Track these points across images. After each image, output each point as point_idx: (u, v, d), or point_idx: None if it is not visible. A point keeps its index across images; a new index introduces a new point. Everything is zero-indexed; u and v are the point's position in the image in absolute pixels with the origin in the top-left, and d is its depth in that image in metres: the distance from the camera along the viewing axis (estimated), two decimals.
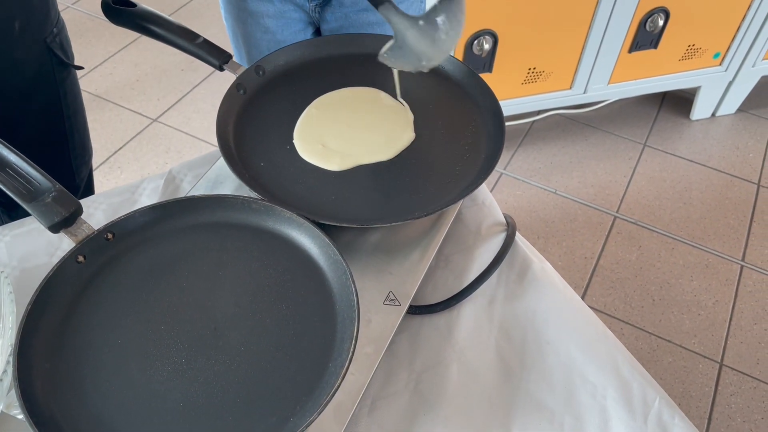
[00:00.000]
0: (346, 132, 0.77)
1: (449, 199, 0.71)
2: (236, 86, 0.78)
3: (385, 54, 0.71)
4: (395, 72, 0.78)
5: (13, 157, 0.63)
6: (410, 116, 0.79)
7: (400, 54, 0.71)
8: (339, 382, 0.53)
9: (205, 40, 0.80)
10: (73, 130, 0.98)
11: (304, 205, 0.68)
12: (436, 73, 0.84)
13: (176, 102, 2.10)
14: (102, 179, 1.85)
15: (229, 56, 0.80)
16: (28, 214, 0.79)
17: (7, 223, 0.98)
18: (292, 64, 0.84)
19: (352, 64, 0.84)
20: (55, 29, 0.88)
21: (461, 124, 0.79)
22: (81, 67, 0.95)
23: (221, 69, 0.80)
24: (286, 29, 1.01)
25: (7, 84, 0.85)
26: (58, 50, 0.89)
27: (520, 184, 1.92)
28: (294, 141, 0.76)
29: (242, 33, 1.03)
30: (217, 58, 0.79)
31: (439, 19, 0.69)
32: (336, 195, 0.71)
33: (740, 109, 2.16)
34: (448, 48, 0.71)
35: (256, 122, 0.77)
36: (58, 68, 0.90)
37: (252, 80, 0.81)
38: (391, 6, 0.70)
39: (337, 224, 0.66)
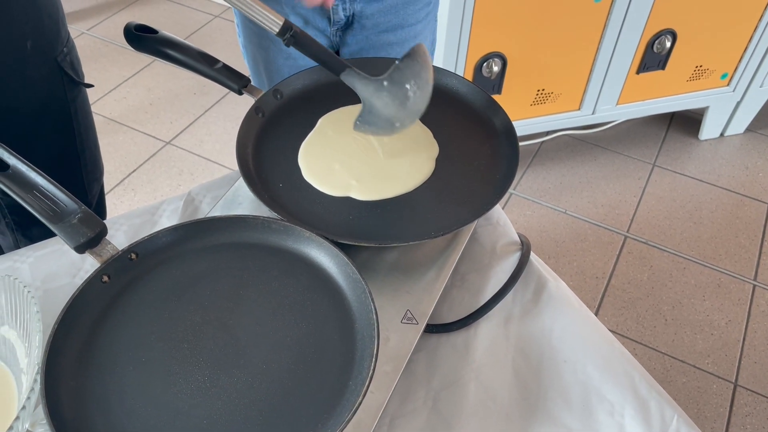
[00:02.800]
0: (363, 158, 0.78)
1: (464, 218, 0.71)
2: (255, 109, 0.80)
3: (358, 122, 0.72)
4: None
5: (39, 179, 0.64)
6: (432, 141, 0.79)
7: (372, 119, 0.71)
8: (360, 399, 0.53)
9: (225, 65, 0.82)
10: (84, 147, 0.99)
11: (322, 225, 0.69)
12: (450, 95, 0.85)
13: (189, 125, 2.13)
14: (116, 201, 1.88)
15: (248, 80, 0.82)
16: (42, 233, 0.81)
17: (22, 240, 0.99)
18: (309, 87, 0.85)
19: None
20: (65, 49, 0.90)
21: (475, 145, 0.80)
22: (91, 85, 0.97)
23: (240, 93, 0.82)
24: None
25: (20, 102, 0.87)
26: (69, 69, 0.91)
27: (530, 204, 1.93)
28: (299, 162, 0.76)
29: (263, 59, 1.05)
30: (236, 82, 0.81)
31: (404, 79, 0.69)
32: (353, 215, 0.72)
33: (749, 129, 2.16)
34: (418, 108, 0.71)
35: (274, 144, 0.79)
36: (69, 86, 0.92)
37: (270, 103, 0.82)
38: (353, 72, 0.71)
39: (355, 243, 0.67)
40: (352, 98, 0.84)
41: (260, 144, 0.79)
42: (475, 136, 0.81)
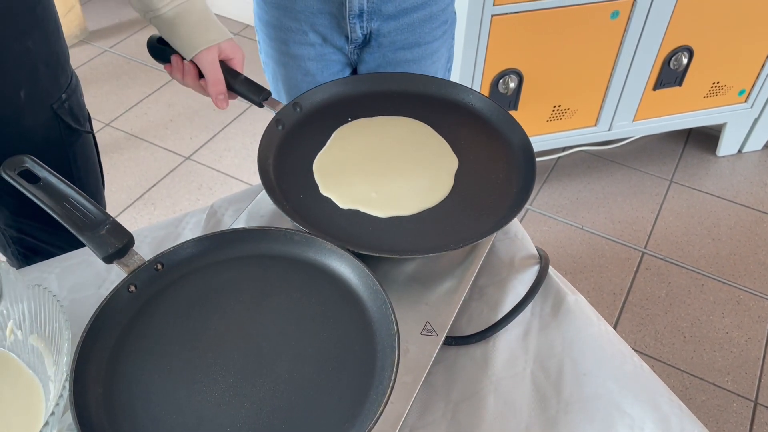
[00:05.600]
0: (381, 171, 0.79)
1: (483, 231, 0.72)
2: (275, 122, 0.82)
3: None
4: None
5: (69, 191, 0.66)
6: (451, 155, 0.80)
7: None
8: (381, 409, 0.54)
9: (246, 78, 0.84)
10: (84, 192, 0.99)
11: (343, 236, 0.70)
12: (468, 110, 0.86)
13: (208, 140, 2.16)
14: (136, 215, 1.90)
15: (269, 93, 0.84)
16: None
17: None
18: (328, 101, 0.87)
19: (386, 100, 0.87)
20: (64, 95, 0.88)
21: (493, 159, 0.81)
22: (90, 132, 0.94)
23: (261, 105, 0.83)
24: (326, 71, 1.04)
25: (15, 150, 0.84)
26: (67, 116, 0.89)
27: (547, 219, 1.92)
28: (315, 176, 0.77)
29: (283, 75, 1.07)
30: (257, 95, 0.83)
31: None
32: (373, 227, 0.73)
33: (767, 146, 2.15)
34: None
35: (294, 156, 0.80)
36: (66, 132, 0.90)
37: (290, 116, 0.84)
38: None
39: (376, 255, 0.68)
40: (370, 111, 0.86)
41: (281, 156, 0.80)
42: (492, 151, 0.82)
